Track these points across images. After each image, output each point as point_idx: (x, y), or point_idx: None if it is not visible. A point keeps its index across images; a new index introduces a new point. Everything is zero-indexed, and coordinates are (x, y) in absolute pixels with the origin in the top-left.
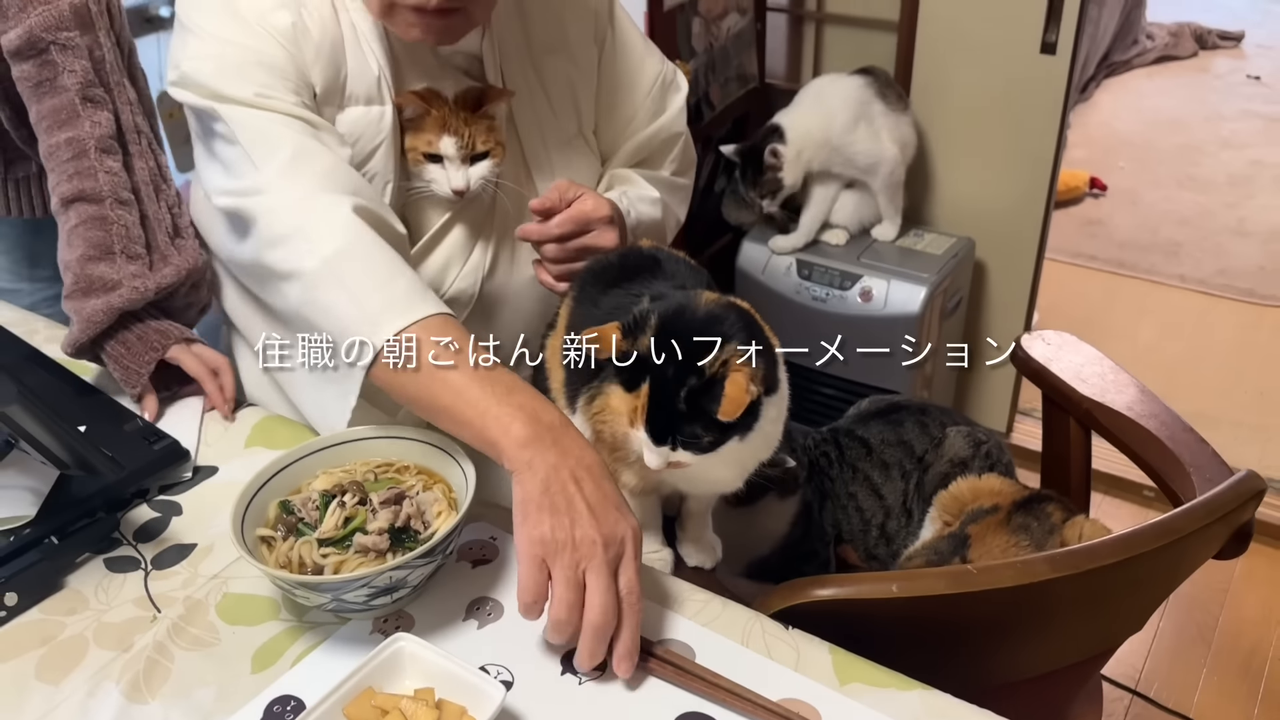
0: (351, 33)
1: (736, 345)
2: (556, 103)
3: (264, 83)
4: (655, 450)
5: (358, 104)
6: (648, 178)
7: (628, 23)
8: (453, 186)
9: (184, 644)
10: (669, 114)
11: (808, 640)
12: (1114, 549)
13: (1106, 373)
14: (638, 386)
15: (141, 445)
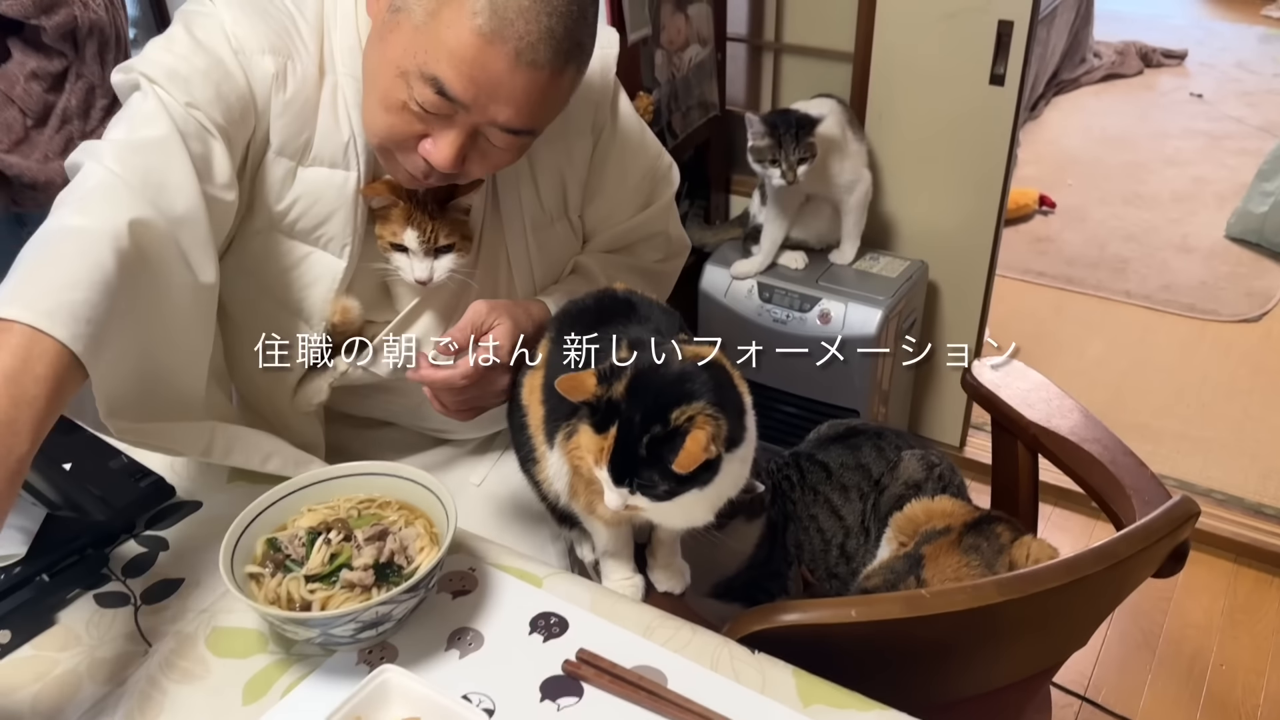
0: (330, 96)
1: (706, 404)
2: (544, 189)
3: (205, 98)
4: (614, 490)
5: (322, 165)
6: (619, 264)
7: (629, 112)
8: (416, 277)
9: (175, 677)
10: (654, 208)
11: (772, 664)
12: (1058, 573)
13: (1052, 398)
14: (606, 429)
15: (127, 482)
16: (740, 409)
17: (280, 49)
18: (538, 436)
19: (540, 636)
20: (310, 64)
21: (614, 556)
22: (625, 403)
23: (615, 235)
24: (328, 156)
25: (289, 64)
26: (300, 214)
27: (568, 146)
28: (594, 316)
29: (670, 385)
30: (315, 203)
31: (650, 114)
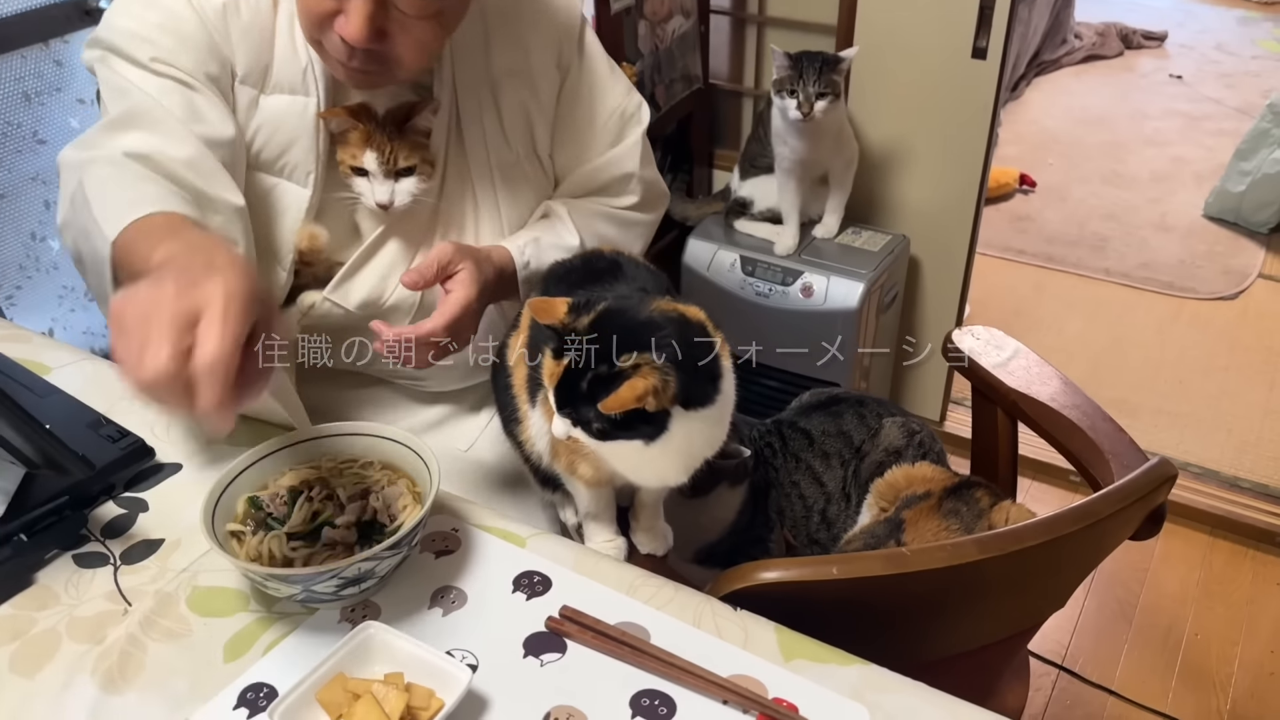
0: (287, 22)
1: (660, 356)
2: (509, 126)
3: (168, 48)
4: (559, 417)
5: (282, 92)
6: (592, 211)
7: (597, 50)
8: (376, 200)
9: (156, 636)
10: (622, 147)
11: (755, 620)
12: (1037, 531)
13: (1031, 366)
14: (562, 357)
15: (106, 443)
16: (711, 372)
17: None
18: (520, 396)
19: (524, 595)
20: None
21: (596, 519)
22: (585, 335)
23: (585, 175)
24: (287, 83)
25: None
26: (264, 143)
27: (533, 83)
28: (580, 276)
29: (632, 330)
30: (277, 130)
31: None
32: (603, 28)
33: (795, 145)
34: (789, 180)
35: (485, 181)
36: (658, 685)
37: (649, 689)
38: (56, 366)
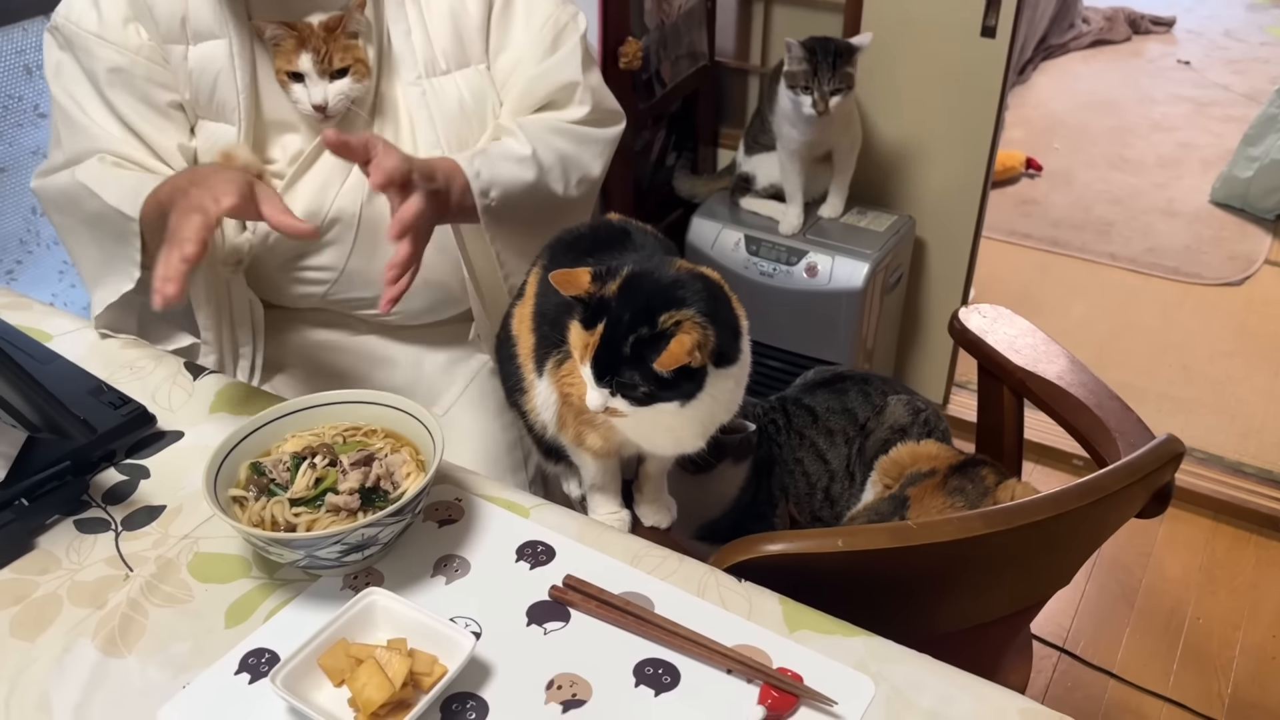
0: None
1: (696, 312)
2: (436, 35)
3: (106, 19)
4: (595, 389)
5: (203, 39)
6: (544, 126)
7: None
8: (313, 102)
9: (158, 601)
10: (559, 55)
11: (759, 592)
12: (1044, 506)
13: (1039, 344)
14: (594, 326)
15: (107, 410)
16: (735, 329)
17: None
18: (526, 366)
19: (527, 564)
20: None
21: (601, 490)
22: (616, 301)
23: (526, 86)
24: (205, 29)
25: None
26: (196, 91)
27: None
28: (589, 244)
29: (663, 290)
30: (203, 75)
31: (639, 60)
32: (609, 2)
33: (803, 131)
34: (794, 162)
35: (414, 90)
36: (661, 654)
37: (652, 658)
38: (58, 334)
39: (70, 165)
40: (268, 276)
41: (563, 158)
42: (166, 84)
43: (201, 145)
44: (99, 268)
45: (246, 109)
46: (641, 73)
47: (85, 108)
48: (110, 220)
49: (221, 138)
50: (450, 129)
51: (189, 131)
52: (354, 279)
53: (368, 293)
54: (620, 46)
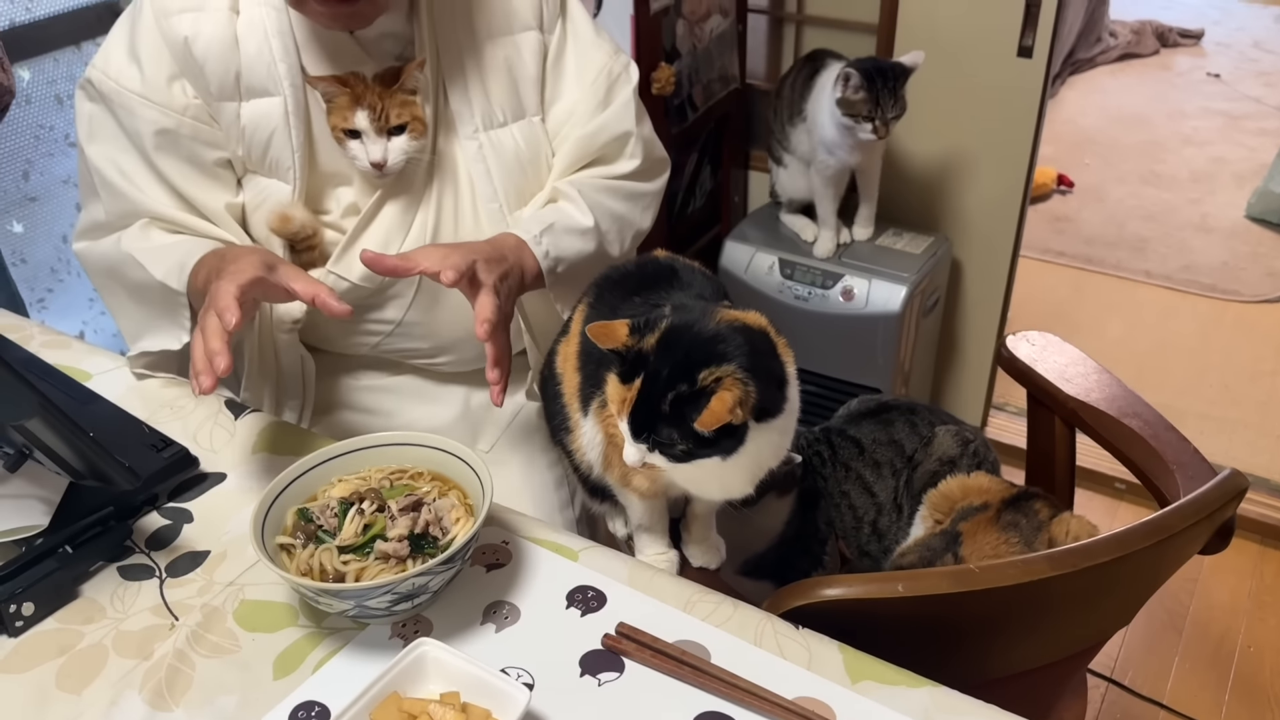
0: (247, 29)
1: (737, 368)
2: (493, 89)
3: (150, 78)
4: (633, 444)
5: (256, 96)
6: (598, 188)
7: (579, 9)
8: (371, 159)
9: (204, 651)
10: (614, 108)
11: (818, 639)
12: (1109, 547)
13: (1090, 373)
14: (631, 380)
15: (149, 453)
16: (780, 380)
17: (196, 3)
18: (572, 405)
19: (578, 610)
20: (222, 6)
21: (649, 531)
22: (655, 355)
23: (582, 138)
24: (259, 87)
25: (199, 17)
26: (249, 148)
27: (515, 44)
28: (635, 282)
29: (703, 344)
30: (256, 131)
31: (671, 85)
32: (641, 27)
33: (845, 156)
34: (828, 186)
35: (474, 146)
36: (721, 707)
37: (712, 711)
38: (97, 373)
39: (113, 229)
40: (321, 330)
41: (617, 219)
42: (214, 142)
43: (250, 200)
44: (141, 326)
45: (301, 165)
46: (674, 97)
47: (126, 171)
48: (157, 292)
49: (273, 193)
50: (508, 181)
51: (236, 187)
52: (411, 331)
53: (424, 344)
54: (653, 72)
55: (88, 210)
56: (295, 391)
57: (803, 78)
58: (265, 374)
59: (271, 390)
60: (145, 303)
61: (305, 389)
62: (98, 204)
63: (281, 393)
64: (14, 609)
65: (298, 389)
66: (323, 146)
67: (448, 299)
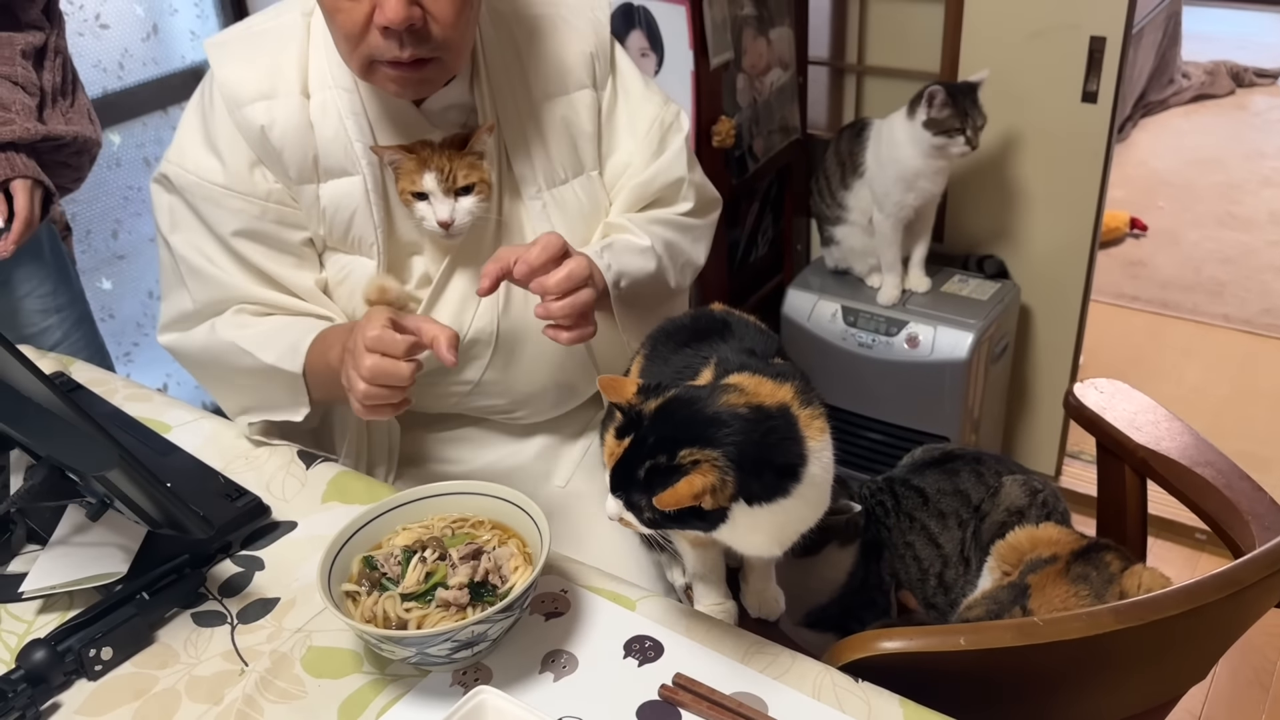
0: (320, 113)
1: (721, 455)
2: (554, 148)
3: (232, 169)
4: (611, 498)
5: (334, 176)
6: (650, 219)
7: (628, 66)
8: (439, 219)
9: (272, 697)
10: (667, 156)
11: (878, 693)
12: (1178, 600)
13: (1160, 420)
14: (623, 438)
15: (224, 502)
16: (785, 468)
17: (267, 90)
18: None
19: (635, 660)
20: (293, 92)
21: (704, 580)
22: (649, 421)
23: (638, 186)
24: (336, 166)
25: (272, 104)
26: (331, 227)
27: (570, 103)
28: (688, 335)
29: (697, 423)
30: (338, 210)
31: (732, 138)
32: (702, 82)
33: (924, 189)
34: (896, 231)
35: (538, 205)
36: None
37: None
38: (176, 425)
39: (202, 317)
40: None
41: (669, 245)
42: (298, 224)
43: (332, 276)
44: (250, 403)
45: (384, 239)
46: (734, 149)
47: (213, 258)
48: (269, 374)
49: (355, 268)
50: (571, 234)
51: (320, 264)
52: (488, 389)
53: (501, 400)
54: (713, 125)
55: (171, 300)
56: (382, 455)
57: (848, 139)
58: (359, 441)
59: (367, 455)
60: (252, 386)
61: (391, 450)
62: (183, 293)
63: (373, 457)
64: (94, 653)
65: (384, 453)
66: (398, 218)
67: (522, 357)
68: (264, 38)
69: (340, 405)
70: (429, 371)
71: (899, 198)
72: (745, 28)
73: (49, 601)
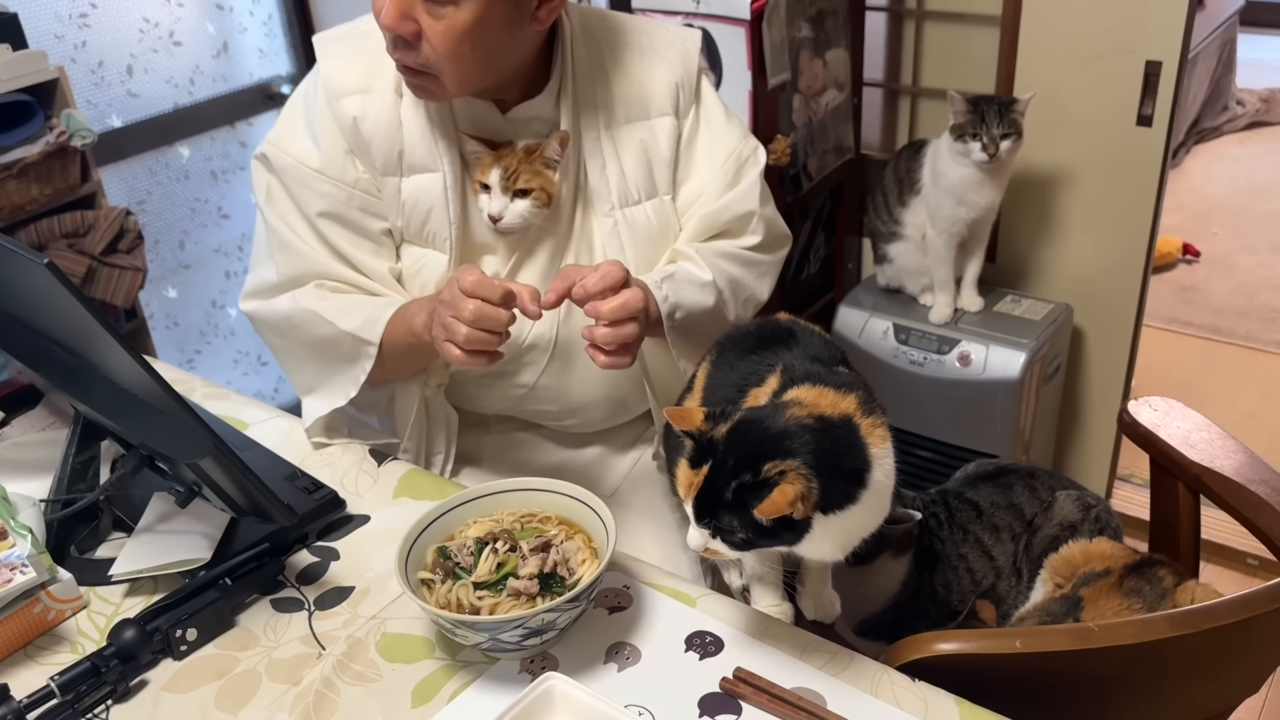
0: (410, 111)
1: (801, 464)
2: (629, 168)
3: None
4: (696, 528)
5: (417, 172)
6: (717, 251)
7: (712, 96)
8: (489, 211)
9: (348, 679)
10: (740, 188)
11: (935, 692)
12: (1232, 609)
13: (1214, 438)
14: (700, 466)
15: (302, 495)
16: (855, 472)
17: (364, 85)
18: None
19: (696, 654)
20: (388, 90)
21: (762, 581)
22: (723, 444)
23: (708, 217)
24: (420, 164)
25: (366, 98)
26: (409, 220)
27: (651, 128)
28: (753, 342)
29: (771, 438)
30: (417, 204)
31: (787, 156)
32: (759, 102)
33: (973, 202)
34: (949, 248)
35: (608, 221)
36: None
37: None
38: (253, 423)
39: (285, 288)
40: (464, 390)
41: (732, 280)
42: (379, 213)
43: (407, 268)
44: (316, 379)
45: (457, 236)
46: (789, 168)
47: (301, 234)
48: (344, 344)
49: (428, 262)
50: (639, 255)
51: (396, 255)
52: (543, 394)
53: (554, 406)
54: (769, 144)
55: (257, 272)
56: (440, 445)
57: (906, 157)
58: (419, 427)
59: (425, 442)
60: (324, 357)
61: (449, 442)
62: (269, 265)
63: (431, 445)
64: (179, 634)
65: (442, 442)
66: (474, 217)
67: (577, 367)
68: (368, 37)
69: (403, 390)
70: (487, 373)
71: (950, 212)
72: (802, 49)
73: (135, 585)
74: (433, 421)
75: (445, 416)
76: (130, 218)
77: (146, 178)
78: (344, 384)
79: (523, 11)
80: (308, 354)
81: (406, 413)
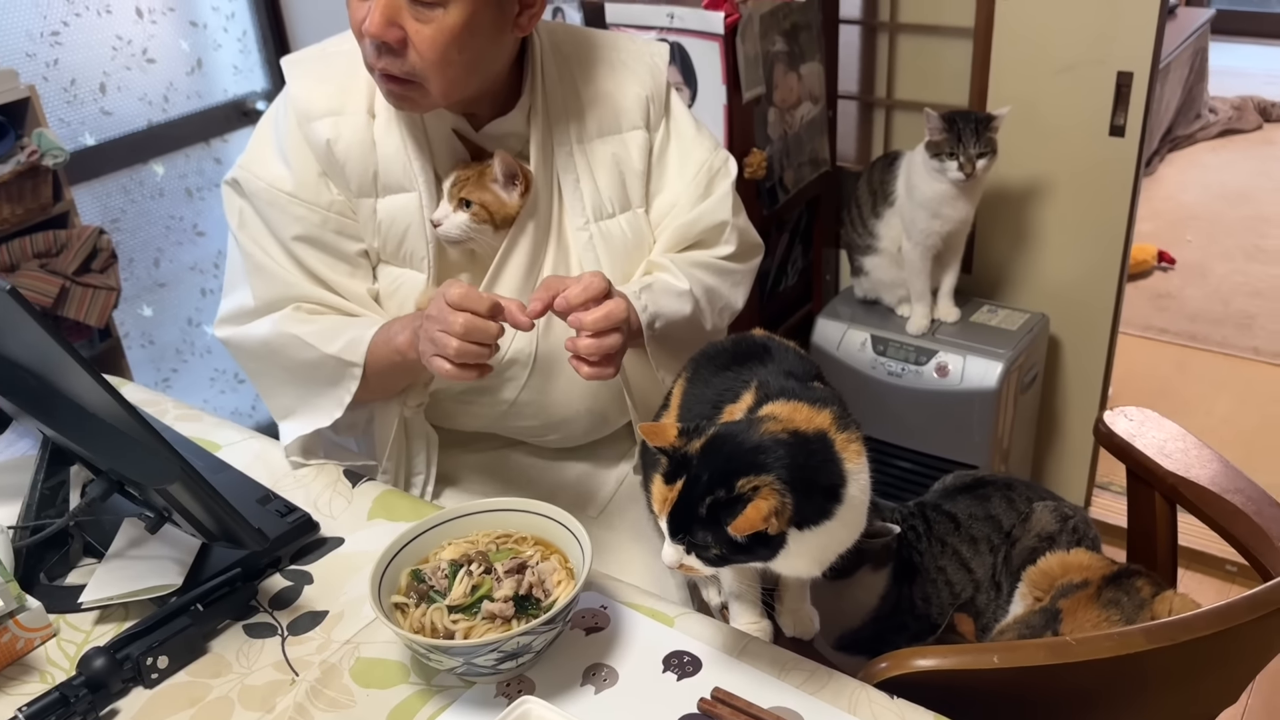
0: (384, 132)
1: (775, 479)
2: (603, 182)
3: (301, 199)
4: (670, 544)
5: (392, 192)
6: (692, 261)
7: (681, 109)
8: (431, 215)
9: (322, 705)
10: (712, 199)
11: (913, 709)
12: (1209, 621)
13: (1190, 448)
14: (674, 481)
15: (274, 518)
16: (829, 490)
17: (335, 107)
18: None
19: (674, 675)
20: (360, 110)
21: (740, 599)
22: (697, 459)
23: (682, 226)
24: (395, 184)
25: (339, 120)
26: (385, 240)
27: (623, 141)
28: (729, 358)
29: (745, 453)
30: (393, 225)
31: (763, 170)
32: (734, 116)
33: (948, 215)
34: (924, 260)
35: (584, 236)
36: None
37: None
38: (226, 444)
39: (262, 313)
40: (443, 407)
41: (709, 291)
42: (355, 235)
43: (384, 288)
44: (296, 403)
45: (435, 255)
46: (765, 181)
47: (276, 259)
48: (326, 367)
49: (405, 281)
50: (616, 267)
51: (372, 276)
52: (524, 410)
53: (535, 422)
54: (745, 158)
55: (232, 297)
56: (420, 465)
57: (880, 169)
58: (399, 448)
59: (405, 463)
60: (306, 381)
61: (429, 463)
62: (244, 290)
63: (411, 466)
64: (150, 662)
65: (423, 463)
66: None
67: (558, 381)
68: (337, 59)
69: (382, 410)
70: (467, 390)
71: (925, 225)
72: (777, 63)
73: (106, 612)
74: (412, 442)
75: (425, 436)
76: (104, 236)
77: (121, 196)
78: (327, 406)
79: (506, 17)
80: (288, 378)
81: (385, 434)
